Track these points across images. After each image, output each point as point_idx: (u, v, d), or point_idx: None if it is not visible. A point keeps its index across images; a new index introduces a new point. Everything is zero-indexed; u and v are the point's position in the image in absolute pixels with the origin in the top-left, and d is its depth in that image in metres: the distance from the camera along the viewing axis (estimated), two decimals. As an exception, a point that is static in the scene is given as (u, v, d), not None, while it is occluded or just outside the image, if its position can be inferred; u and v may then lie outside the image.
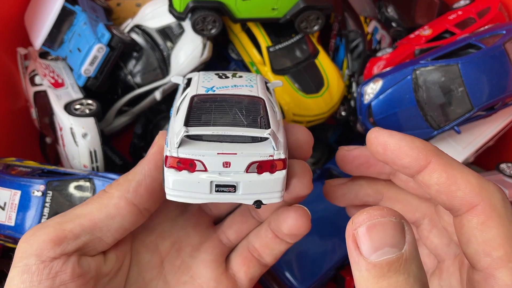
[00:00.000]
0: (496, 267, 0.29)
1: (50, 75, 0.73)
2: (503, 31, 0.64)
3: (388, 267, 0.26)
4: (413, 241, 0.27)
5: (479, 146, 0.71)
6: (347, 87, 0.80)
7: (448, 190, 0.32)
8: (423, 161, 0.33)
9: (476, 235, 0.31)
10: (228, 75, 0.42)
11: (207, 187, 0.33)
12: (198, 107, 0.36)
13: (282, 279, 0.72)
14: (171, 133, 0.35)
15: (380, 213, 0.27)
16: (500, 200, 0.31)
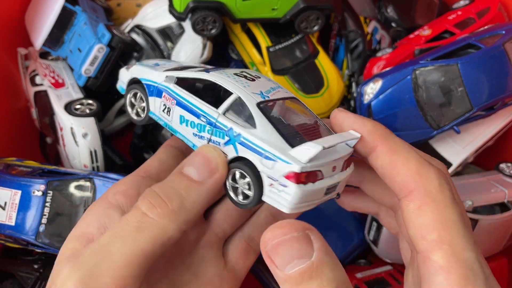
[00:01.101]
0: (431, 250, 0.31)
1: (51, 75, 0.73)
2: (502, 31, 0.64)
3: (301, 277, 0.28)
4: (322, 247, 0.29)
5: (478, 146, 0.71)
6: (347, 87, 0.80)
7: (390, 174, 0.34)
8: (371, 144, 0.35)
9: (413, 220, 0.33)
10: (251, 75, 0.41)
11: (323, 192, 0.35)
12: (275, 118, 0.37)
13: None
14: (270, 147, 0.34)
15: (282, 231, 0.29)
16: (436, 185, 0.33)
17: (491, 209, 0.67)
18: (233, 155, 0.37)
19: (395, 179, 0.34)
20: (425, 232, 0.32)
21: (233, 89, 0.37)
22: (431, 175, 0.33)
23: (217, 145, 0.38)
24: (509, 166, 0.73)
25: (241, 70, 0.42)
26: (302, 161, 0.33)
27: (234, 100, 0.37)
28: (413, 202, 0.33)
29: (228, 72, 0.40)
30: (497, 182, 0.69)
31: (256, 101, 0.37)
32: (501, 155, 0.79)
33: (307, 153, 0.32)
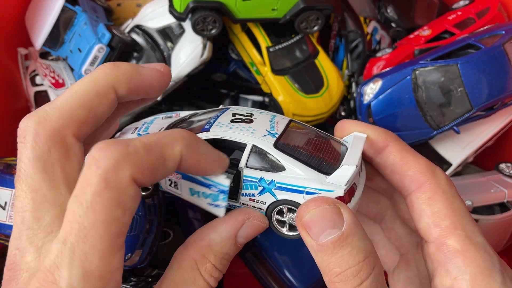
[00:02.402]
0: (446, 236, 0.34)
1: (51, 75, 0.73)
2: (502, 31, 0.64)
3: (333, 245, 0.31)
4: (351, 218, 0.32)
5: (478, 146, 0.71)
6: (346, 87, 0.80)
7: (401, 169, 0.37)
8: (382, 144, 0.38)
9: (425, 209, 0.35)
10: (244, 115, 0.40)
11: (360, 198, 0.38)
12: (294, 150, 0.37)
13: (282, 279, 0.72)
14: (308, 182, 0.35)
15: (315, 203, 0.32)
16: (444, 179, 0.36)
17: (491, 209, 0.67)
18: (271, 200, 0.37)
19: (406, 173, 0.36)
20: (438, 220, 0.34)
21: (245, 139, 0.37)
22: (438, 171, 0.36)
23: (252, 197, 0.37)
24: (509, 166, 0.73)
25: (232, 113, 0.40)
26: (343, 184, 0.34)
27: (251, 149, 0.37)
28: (425, 193, 0.35)
29: (224, 121, 0.39)
30: (497, 182, 0.69)
31: (271, 143, 0.37)
32: (501, 155, 0.79)
33: (345, 176, 0.34)
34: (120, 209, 0.29)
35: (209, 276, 0.36)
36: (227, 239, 0.36)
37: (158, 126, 0.44)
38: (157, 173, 0.31)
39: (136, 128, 0.45)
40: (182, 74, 0.73)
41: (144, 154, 0.30)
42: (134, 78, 0.36)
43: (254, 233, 0.38)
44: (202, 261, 0.35)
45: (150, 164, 0.30)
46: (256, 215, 0.38)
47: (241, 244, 0.37)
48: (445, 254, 0.33)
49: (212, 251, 0.36)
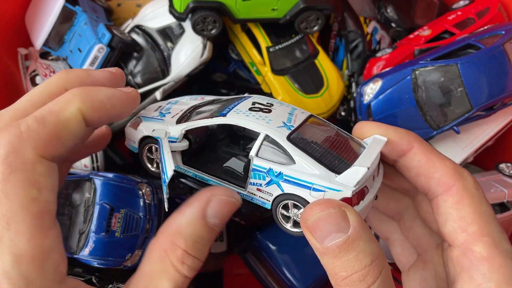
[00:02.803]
0: (472, 241, 0.33)
1: (51, 75, 0.73)
2: (502, 31, 0.64)
3: (338, 249, 0.30)
4: (357, 222, 0.31)
5: (478, 146, 0.71)
6: (346, 87, 0.80)
7: (427, 172, 0.36)
8: (406, 146, 0.37)
9: (452, 213, 0.34)
10: (264, 104, 0.40)
11: (372, 201, 0.37)
12: (307, 145, 0.36)
13: (282, 279, 0.72)
14: (316, 179, 0.34)
15: (320, 207, 0.32)
16: (472, 182, 0.35)
17: (490, 209, 0.67)
18: (278, 193, 0.36)
19: (432, 175, 0.35)
20: (465, 224, 0.33)
21: (259, 128, 0.37)
22: (466, 173, 0.35)
23: (259, 187, 0.37)
24: (509, 166, 0.73)
25: (252, 101, 0.40)
26: (351, 185, 0.33)
27: (264, 138, 0.36)
28: (452, 196, 0.34)
29: (243, 109, 0.39)
30: (497, 182, 0.69)
31: (285, 135, 0.36)
32: (501, 155, 0.79)
33: (355, 177, 0.33)
34: (35, 187, 0.29)
35: (181, 264, 0.33)
36: (195, 220, 0.34)
37: (181, 107, 0.43)
38: (63, 139, 0.31)
39: (160, 106, 0.44)
40: (182, 74, 0.73)
41: (39, 127, 0.30)
42: (85, 79, 0.36)
43: (224, 210, 0.35)
44: (172, 249, 0.33)
45: (50, 134, 0.31)
46: (222, 190, 0.35)
47: (214, 225, 0.35)
48: (470, 260, 0.33)
49: (182, 236, 0.33)
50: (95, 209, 0.58)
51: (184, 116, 0.42)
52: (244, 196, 0.38)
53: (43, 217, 0.29)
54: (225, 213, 0.35)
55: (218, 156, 0.42)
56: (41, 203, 0.29)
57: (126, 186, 0.62)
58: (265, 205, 0.38)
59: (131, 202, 0.61)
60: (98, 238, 0.58)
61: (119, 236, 0.58)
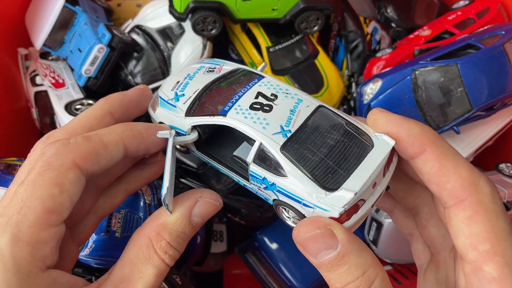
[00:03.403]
0: (483, 261, 0.31)
1: (51, 75, 0.73)
2: (502, 31, 0.64)
3: (330, 264, 0.32)
4: (345, 238, 0.32)
5: (478, 146, 0.71)
6: (346, 87, 0.80)
7: (439, 181, 0.33)
8: (418, 148, 0.34)
9: (463, 229, 0.32)
10: (268, 97, 0.39)
11: (370, 209, 0.36)
12: (302, 155, 0.35)
13: (282, 279, 0.72)
14: (306, 195, 0.34)
15: (306, 229, 0.33)
16: (488, 194, 0.32)
17: (490, 209, 0.67)
18: (275, 197, 0.37)
19: (444, 186, 0.33)
20: (476, 242, 0.32)
21: (255, 135, 0.36)
22: (483, 183, 0.33)
23: (258, 188, 0.38)
24: (509, 166, 0.73)
25: (257, 92, 0.39)
26: (339, 206, 0.33)
27: (259, 147, 0.36)
28: (464, 211, 0.32)
29: (244, 105, 0.38)
30: (497, 182, 0.69)
31: (279, 146, 0.35)
32: (501, 155, 0.79)
33: (342, 201, 0.33)
34: (58, 187, 0.33)
35: (164, 253, 0.36)
36: (182, 217, 0.37)
37: (196, 85, 0.43)
38: (101, 158, 0.36)
39: (178, 82, 0.44)
40: (182, 74, 0.73)
41: (84, 142, 0.35)
42: (124, 99, 0.42)
43: (207, 211, 0.38)
44: (157, 239, 0.36)
45: (91, 150, 0.35)
46: (209, 193, 0.39)
47: (197, 224, 0.38)
48: (479, 280, 0.31)
49: (167, 229, 0.37)
50: (95, 209, 0.58)
51: (194, 103, 0.41)
52: (249, 188, 0.40)
53: (51, 214, 0.32)
54: (208, 214, 0.39)
55: (231, 139, 0.42)
56: (56, 202, 0.33)
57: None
58: (268, 200, 0.39)
59: (132, 202, 0.61)
60: (98, 238, 0.57)
61: (119, 236, 0.58)
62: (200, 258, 0.73)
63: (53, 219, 0.33)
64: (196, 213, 0.38)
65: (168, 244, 0.37)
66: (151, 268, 0.36)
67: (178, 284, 0.59)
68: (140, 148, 0.38)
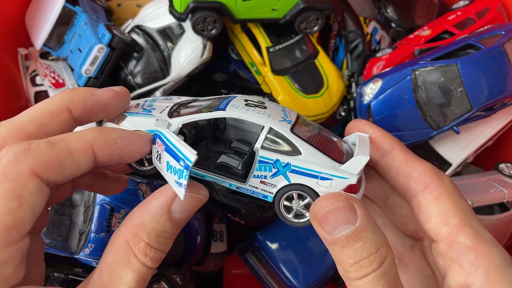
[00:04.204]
0: (456, 233, 0.35)
1: (51, 75, 0.73)
2: (502, 31, 0.64)
3: (347, 240, 0.32)
4: (364, 214, 0.33)
5: (478, 146, 0.71)
6: (346, 87, 0.80)
7: (407, 171, 0.38)
8: (389, 146, 0.39)
9: (433, 209, 0.36)
10: (256, 102, 0.41)
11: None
12: (308, 138, 0.38)
13: (282, 279, 0.72)
14: (324, 168, 0.36)
15: (330, 201, 0.33)
16: (448, 180, 0.37)
17: (490, 209, 0.67)
18: (284, 183, 0.37)
19: (412, 174, 0.37)
20: (447, 218, 0.35)
21: (263, 122, 0.38)
22: (442, 173, 0.38)
23: (263, 179, 0.38)
24: (509, 166, 0.73)
25: (244, 99, 0.41)
26: (356, 173, 0.36)
27: (268, 131, 0.37)
28: (432, 193, 0.36)
29: (239, 104, 0.39)
30: (496, 182, 0.69)
31: (288, 128, 0.38)
32: (501, 155, 0.79)
33: (359, 165, 0.36)
34: (17, 201, 0.29)
35: (144, 255, 0.34)
36: (160, 215, 0.34)
37: (164, 104, 0.43)
38: (65, 167, 0.32)
39: (138, 104, 0.43)
40: (182, 74, 0.73)
41: (47, 148, 0.31)
42: (89, 98, 0.37)
43: (189, 206, 0.35)
44: (135, 241, 0.34)
45: (54, 158, 0.31)
46: (190, 185, 0.35)
47: (179, 220, 0.35)
48: (456, 251, 0.34)
49: (145, 229, 0.34)
50: (95, 209, 0.58)
51: (173, 112, 0.41)
52: (244, 190, 0.39)
53: (11, 231, 0.30)
54: (190, 208, 0.35)
55: (207, 154, 0.43)
56: (15, 217, 0.30)
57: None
58: (267, 198, 0.39)
59: (132, 202, 0.61)
60: (98, 238, 0.58)
61: (119, 236, 0.58)
62: (200, 258, 0.73)
63: (13, 236, 0.30)
64: (177, 209, 0.35)
65: (148, 245, 0.34)
66: (130, 273, 0.33)
67: (178, 284, 0.59)
68: (112, 158, 0.35)
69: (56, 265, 0.60)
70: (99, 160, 0.34)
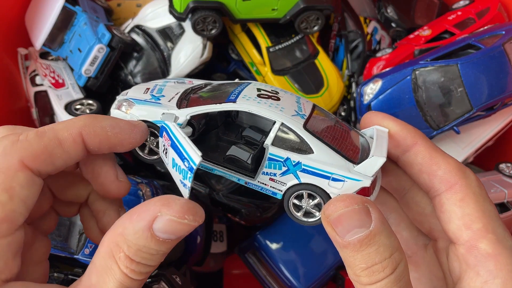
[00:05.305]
0: (477, 238, 0.33)
1: (51, 75, 0.73)
2: (502, 31, 0.64)
3: (360, 244, 0.31)
4: (379, 217, 0.32)
5: (478, 146, 0.71)
6: (346, 87, 0.80)
7: (430, 169, 0.36)
8: (410, 141, 0.37)
9: (456, 211, 0.34)
10: (270, 92, 0.39)
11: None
12: (322, 134, 0.36)
13: (282, 279, 0.72)
14: (336, 169, 0.34)
15: (344, 204, 0.32)
16: (475, 180, 0.35)
17: (490, 209, 0.67)
18: (294, 182, 0.36)
19: (436, 173, 0.36)
20: (470, 222, 0.34)
21: (275, 116, 0.36)
22: (469, 171, 0.36)
23: (273, 176, 0.36)
24: (509, 166, 0.73)
25: (257, 87, 0.39)
26: (370, 175, 0.34)
27: (279, 127, 0.36)
28: (456, 194, 0.35)
29: (251, 95, 0.38)
30: (497, 182, 0.69)
31: (301, 124, 0.36)
32: (501, 155, 0.79)
33: (374, 167, 0.34)
34: (7, 193, 0.30)
35: (125, 267, 0.31)
36: (140, 231, 0.31)
37: (174, 89, 0.41)
38: (54, 157, 0.32)
39: (148, 89, 0.42)
40: (182, 74, 0.73)
41: (35, 139, 0.31)
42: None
43: (174, 229, 0.31)
44: (116, 250, 0.31)
45: (42, 148, 0.31)
46: (174, 209, 0.31)
47: (166, 239, 0.31)
48: (475, 257, 0.33)
49: (125, 242, 0.31)
50: (95, 209, 0.58)
51: (182, 100, 0.40)
52: (252, 186, 0.38)
53: (1, 223, 0.30)
54: (175, 231, 0.31)
55: (217, 144, 0.41)
56: (6, 210, 0.30)
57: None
58: (276, 195, 0.37)
59: (131, 203, 0.61)
60: (98, 238, 0.58)
61: (119, 236, 0.58)
62: (200, 258, 0.73)
63: (4, 228, 0.30)
64: (160, 229, 0.31)
65: (128, 257, 0.31)
66: (112, 282, 0.31)
67: (178, 284, 0.59)
68: (102, 147, 0.34)
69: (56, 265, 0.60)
70: (89, 149, 0.34)
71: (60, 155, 0.32)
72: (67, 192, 0.40)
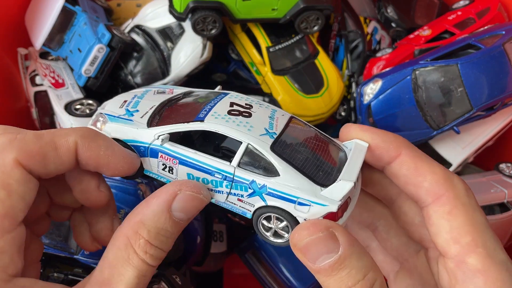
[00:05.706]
0: (466, 253, 0.32)
1: (51, 75, 0.73)
2: (502, 31, 0.64)
3: (331, 269, 0.30)
4: (347, 241, 0.31)
5: (478, 146, 0.71)
6: (346, 87, 0.80)
7: (416, 181, 0.35)
8: (394, 152, 0.36)
9: (444, 224, 0.33)
10: (243, 106, 0.38)
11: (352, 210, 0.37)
12: (291, 153, 0.35)
13: (282, 279, 0.72)
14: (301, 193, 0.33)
15: (308, 232, 0.31)
16: (463, 189, 0.34)
17: (491, 209, 0.67)
18: (261, 204, 0.35)
19: (421, 184, 0.34)
20: (458, 236, 0.32)
21: (241, 137, 0.35)
22: (457, 180, 0.34)
23: (240, 197, 0.36)
24: (509, 166, 0.73)
25: (230, 101, 0.38)
26: (337, 199, 0.33)
27: (246, 148, 0.35)
28: (443, 206, 0.33)
29: (221, 112, 0.37)
30: (497, 182, 0.69)
31: (268, 145, 0.35)
32: (501, 155, 0.79)
33: (341, 192, 0.33)
34: (5, 190, 0.30)
35: (144, 253, 0.33)
36: (160, 213, 0.34)
37: (150, 103, 0.41)
38: (48, 160, 0.33)
39: (126, 101, 0.42)
40: (182, 74, 0.73)
41: (32, 139, 0.32)
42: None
43: (191, 206, 0.35)
44: (135, 238, 0.33)
45: (38, 149, 0.32)
46: (190, 186, 0.35)
47: (180, 219, 0.35)
48: (464, 273, 0.32)
49: (145, 227, 0.33)
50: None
51: (155, 116, 0.40)
52: (222, 204, 0.37)
53: (3, 219, 0.30)
54: (191, 208, 0.35)
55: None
56: (5, 206, 0.31)
57: (126, 186, 0.62)
58: (246, 214, 0.37)
59: (131, 203, 0.61)
60: (98, 238, 0.57)
61: (119, 236, 0.58)
62: (200, 258, 0.73)
63: (6, 224, 0.30)
64: (177, 208, 0.34)
65: (148, 242, 0.33)
66: (131, 270, 0.33)
67: (178, 284, 0.59)
68: (90, 163, 0.35)
69: (56, 265, 0.60)
70: (78, 160, 0.34)
71: (53, 159, 0.33)
72: (64, 196, 0.40)
